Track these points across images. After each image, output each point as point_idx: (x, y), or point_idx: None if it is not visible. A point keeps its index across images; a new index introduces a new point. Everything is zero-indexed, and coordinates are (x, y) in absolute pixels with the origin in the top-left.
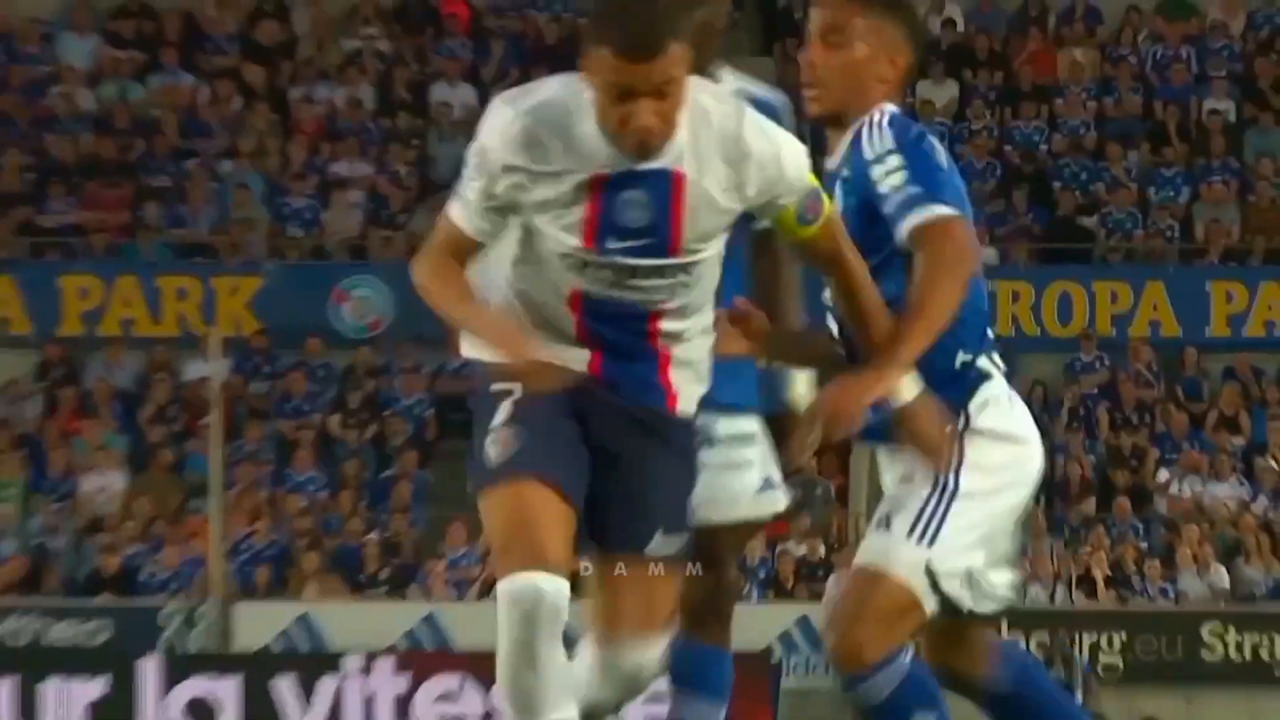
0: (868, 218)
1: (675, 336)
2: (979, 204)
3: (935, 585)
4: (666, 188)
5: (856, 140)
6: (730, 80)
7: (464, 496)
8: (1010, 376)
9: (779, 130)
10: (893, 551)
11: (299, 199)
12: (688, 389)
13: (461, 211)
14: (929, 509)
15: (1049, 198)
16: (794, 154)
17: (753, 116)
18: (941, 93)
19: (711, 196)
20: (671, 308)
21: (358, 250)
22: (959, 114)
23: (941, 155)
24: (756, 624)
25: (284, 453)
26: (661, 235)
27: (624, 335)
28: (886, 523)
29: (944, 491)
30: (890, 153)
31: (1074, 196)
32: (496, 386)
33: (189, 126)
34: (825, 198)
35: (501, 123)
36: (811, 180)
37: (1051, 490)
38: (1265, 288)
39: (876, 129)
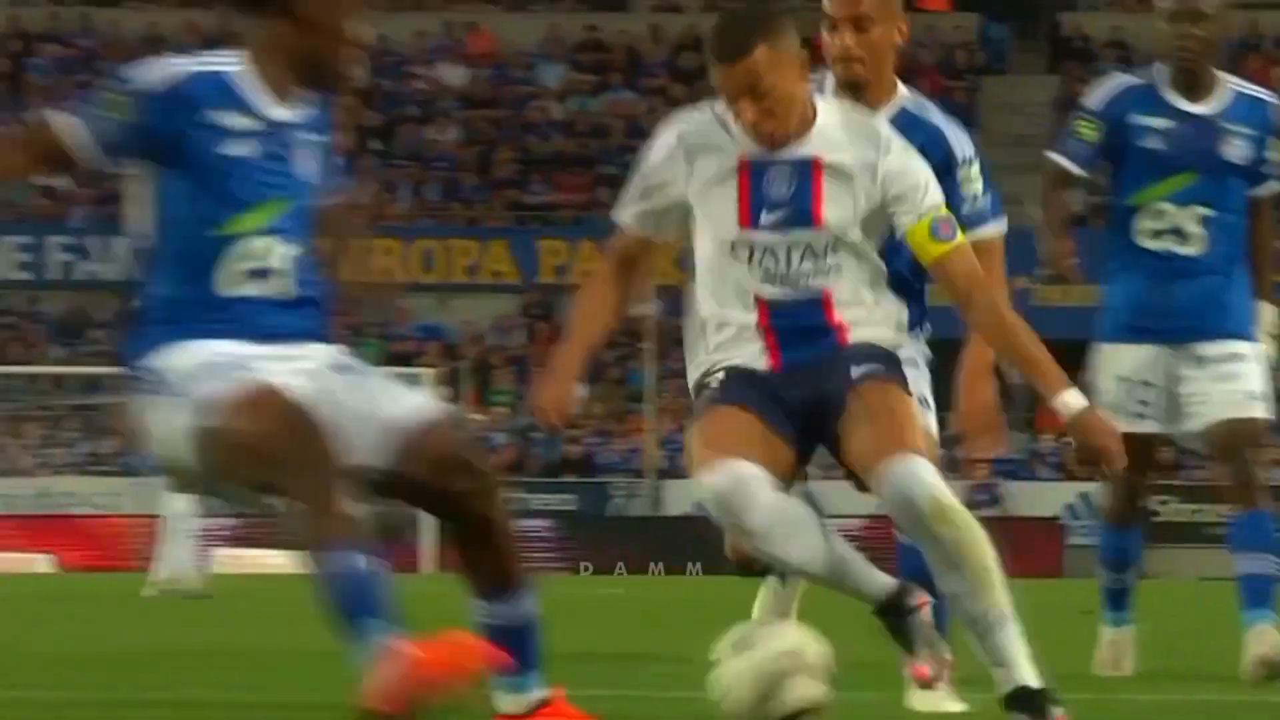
0: None
1: (852, 318)
2: None
3: None
4: (805, 168)
5: (931, 127)
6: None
7: None
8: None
9: (911, 148)
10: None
11: None
12: (860, 330)
13: (620, 211)
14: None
15: None
16: (923, 167)
17: (888, 126)
18: None
19: (848, 173)
20: (838, 293)
21: None
22: None
23: None
24: (1049, 498)
25: None
26: (804, 206)
27: (804, 331)
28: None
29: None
30: (973, 159)
31: None
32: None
33: (631, 130)
34: (958, 227)
35: (664, 138)
36: (941, 201)
37: None
38: None
39: (960, 133)
